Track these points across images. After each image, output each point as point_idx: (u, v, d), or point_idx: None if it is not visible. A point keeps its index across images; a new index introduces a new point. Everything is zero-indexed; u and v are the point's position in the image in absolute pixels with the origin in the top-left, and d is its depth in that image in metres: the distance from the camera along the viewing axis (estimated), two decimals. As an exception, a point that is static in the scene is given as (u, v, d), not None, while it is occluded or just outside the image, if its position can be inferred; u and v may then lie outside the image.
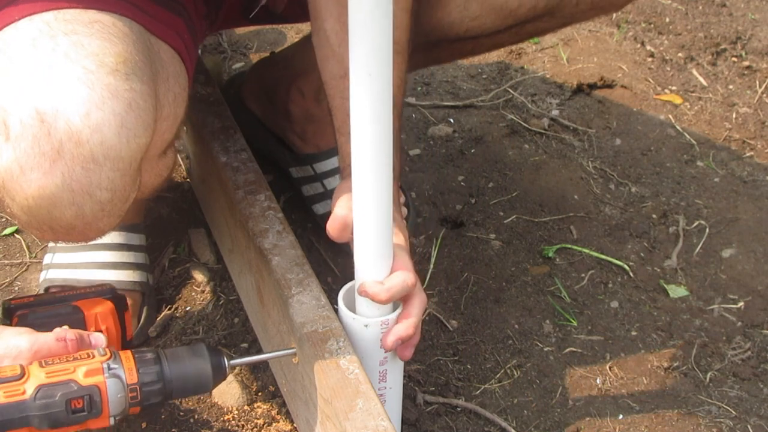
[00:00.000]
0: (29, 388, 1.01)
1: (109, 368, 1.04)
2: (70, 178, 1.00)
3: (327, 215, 1.68)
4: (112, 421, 1.06)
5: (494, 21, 1.41)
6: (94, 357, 1.05)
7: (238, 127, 1.53)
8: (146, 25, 1.14)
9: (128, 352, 1.08)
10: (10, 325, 1.19)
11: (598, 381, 1.49)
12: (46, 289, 1.51)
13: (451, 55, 1.67)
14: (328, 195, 1.67)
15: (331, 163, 1.67)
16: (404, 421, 1.37)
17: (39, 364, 1.03)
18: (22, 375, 1.02)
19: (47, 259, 1.54)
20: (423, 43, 1.25)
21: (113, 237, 1.51)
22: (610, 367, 1.51)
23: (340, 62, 1.21)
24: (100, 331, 1.20)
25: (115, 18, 1.08)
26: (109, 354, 1.06)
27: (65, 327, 1.13)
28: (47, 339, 1.06)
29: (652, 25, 2.40)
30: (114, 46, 1.04)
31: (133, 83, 1.02)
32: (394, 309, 1.16)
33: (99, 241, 1.49)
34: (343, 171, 1.22)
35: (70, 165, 0.99)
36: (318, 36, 1.26)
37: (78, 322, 1.20)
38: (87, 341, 1.09)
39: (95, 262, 1.50)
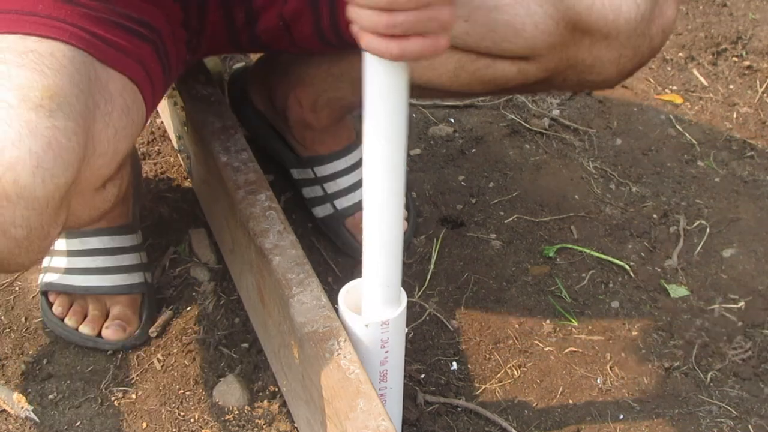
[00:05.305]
0: None
1: None
2: None
3: (327, 218, 1.69)
4: None
5: (483, 90, 1.42)
6: None
7: (238, 126, 1.53)
8: (96, 55, 1.11)
9: None
10: None
11: (598, 381, 1.48)
12: (44, 293, 1.50)
13: (445, 96, 1.70)
14: (327, 199, 1.67)
15: (332, 167, 1.66)
16: (405, 421, 1.37)
17: None
18: None
19: (45, 261, 1.53)
20: (415, 87, 1.21)
21: (105, 242, 1.49)
22: (610, 367, 1.51)
23: None
24: None
25: (56, 47, 1.05)
26: None
27: None
28: None
29: (652, 25, 2.40)
30: (44, 78, 1.01)
31: (56, 120, 0.99)
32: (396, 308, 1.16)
33: (92, 246, 1.49)
34: None
35: None
36: None
37: None
38: None
39: (90, 268, 1.49)
